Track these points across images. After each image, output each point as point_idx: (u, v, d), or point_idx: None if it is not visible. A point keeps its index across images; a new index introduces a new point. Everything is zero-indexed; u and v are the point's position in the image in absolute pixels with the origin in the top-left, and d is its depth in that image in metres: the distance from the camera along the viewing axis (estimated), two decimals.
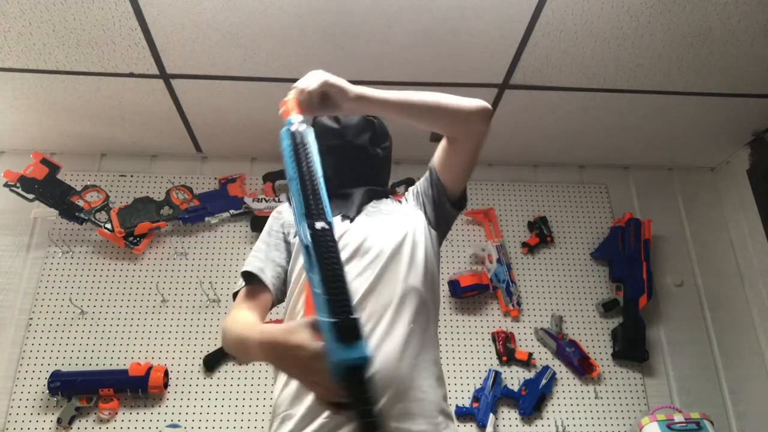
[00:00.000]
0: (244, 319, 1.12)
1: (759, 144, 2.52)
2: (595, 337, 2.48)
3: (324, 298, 0.78)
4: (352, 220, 1.25)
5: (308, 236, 0.83)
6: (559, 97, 2.25)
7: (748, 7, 1.79)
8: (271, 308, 1.23)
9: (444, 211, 1.32)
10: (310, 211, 0.85)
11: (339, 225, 1.23)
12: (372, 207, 1.32)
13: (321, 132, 1.29)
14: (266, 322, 1.16)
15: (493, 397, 2.29)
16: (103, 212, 2.41)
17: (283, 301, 1.25)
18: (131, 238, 2.40)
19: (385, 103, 1.14)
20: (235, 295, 1.24)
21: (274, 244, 1.28)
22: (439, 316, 2.46)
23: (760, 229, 2.45)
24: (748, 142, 2.55)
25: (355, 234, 1.22)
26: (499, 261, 2.48)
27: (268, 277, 1.22)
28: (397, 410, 1.05)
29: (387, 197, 1.40)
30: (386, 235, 1.21)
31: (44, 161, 2.35)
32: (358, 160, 1.35)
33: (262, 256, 1.25)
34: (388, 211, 1.31)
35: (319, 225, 0.84)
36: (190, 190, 2.55)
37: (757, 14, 1.82)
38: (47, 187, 2.35)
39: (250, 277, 1.22)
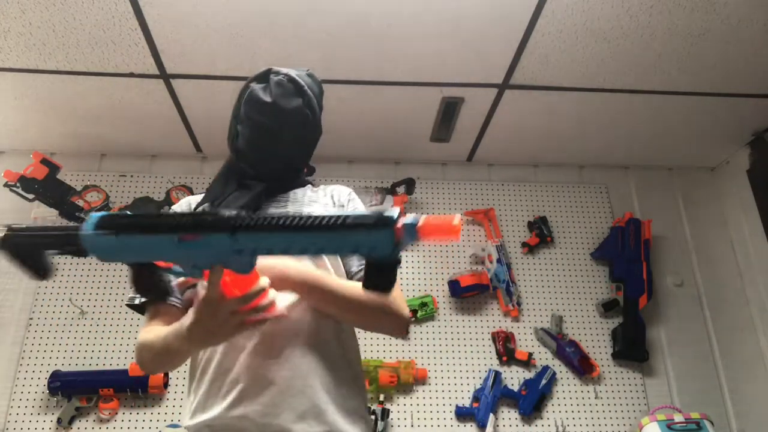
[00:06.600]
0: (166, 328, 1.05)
1: (759, 144, 2.51)
2: (595, 337, 2.48)
3: None
4: None
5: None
6: (559, 97, 2.25)
7: (748, 7, 1.79)
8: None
9: None
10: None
11: None
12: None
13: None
14: None
15: (493, 397, 2.29)
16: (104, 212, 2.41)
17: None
18: None
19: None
20: (132, 307, 1.16)
21: None
22: (436, 316, 2.46)
23: (760, 229, 2.45)
24: (748, 142, 2.55)
25: None
26: (499, 261, 2.48)
27: (177, 297, 1.13)
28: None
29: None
30: None
31: (44, 161, 2.35)
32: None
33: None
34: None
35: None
36: (190, 190, 2.55)
37: (757, 14, 1.82)
38: (47, 187, 2.34)
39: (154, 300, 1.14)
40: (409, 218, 0.74)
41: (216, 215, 0.80)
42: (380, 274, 0.81)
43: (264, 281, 0.92)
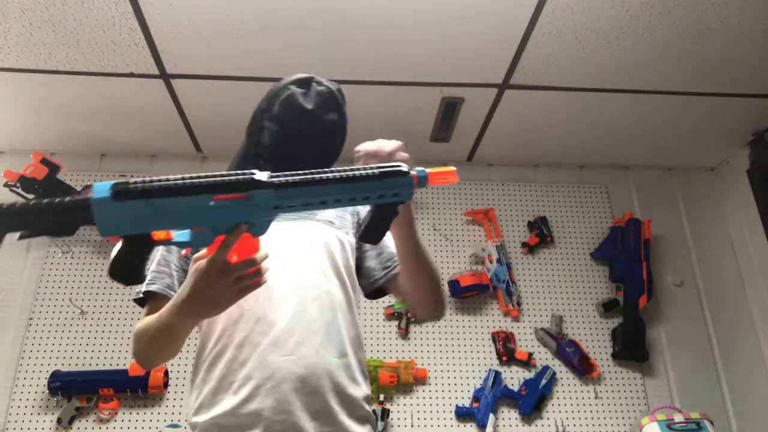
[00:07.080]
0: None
1: (759, 144, 2.51)
2: (595, 337, 2.48)
3: None
4: None
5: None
6: (559, 97, 2.25)
7: (748, 7, 1.79)
8: None
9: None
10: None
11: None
12: None
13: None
14: None
15: (493, 397, 2.29)
16: None
17: None
18: None
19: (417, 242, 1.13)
20: (138, 301, 1.20)
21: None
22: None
23: (760, 229, 2.45)
24: (748, 142, 2.55)
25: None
26: (499, 261, 2.48)
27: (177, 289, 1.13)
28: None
29: None
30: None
31: (44, 161, 2.35)
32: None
33: (166, 270, 1.20)
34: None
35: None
36: None
37: (757, 14, 1.83)
38: (47, 187, 2.34)
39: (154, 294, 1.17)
40: (418, 169, 0.93)
41: (254, 173, 0.82)
42: (380, 227, 0.97)
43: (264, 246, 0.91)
